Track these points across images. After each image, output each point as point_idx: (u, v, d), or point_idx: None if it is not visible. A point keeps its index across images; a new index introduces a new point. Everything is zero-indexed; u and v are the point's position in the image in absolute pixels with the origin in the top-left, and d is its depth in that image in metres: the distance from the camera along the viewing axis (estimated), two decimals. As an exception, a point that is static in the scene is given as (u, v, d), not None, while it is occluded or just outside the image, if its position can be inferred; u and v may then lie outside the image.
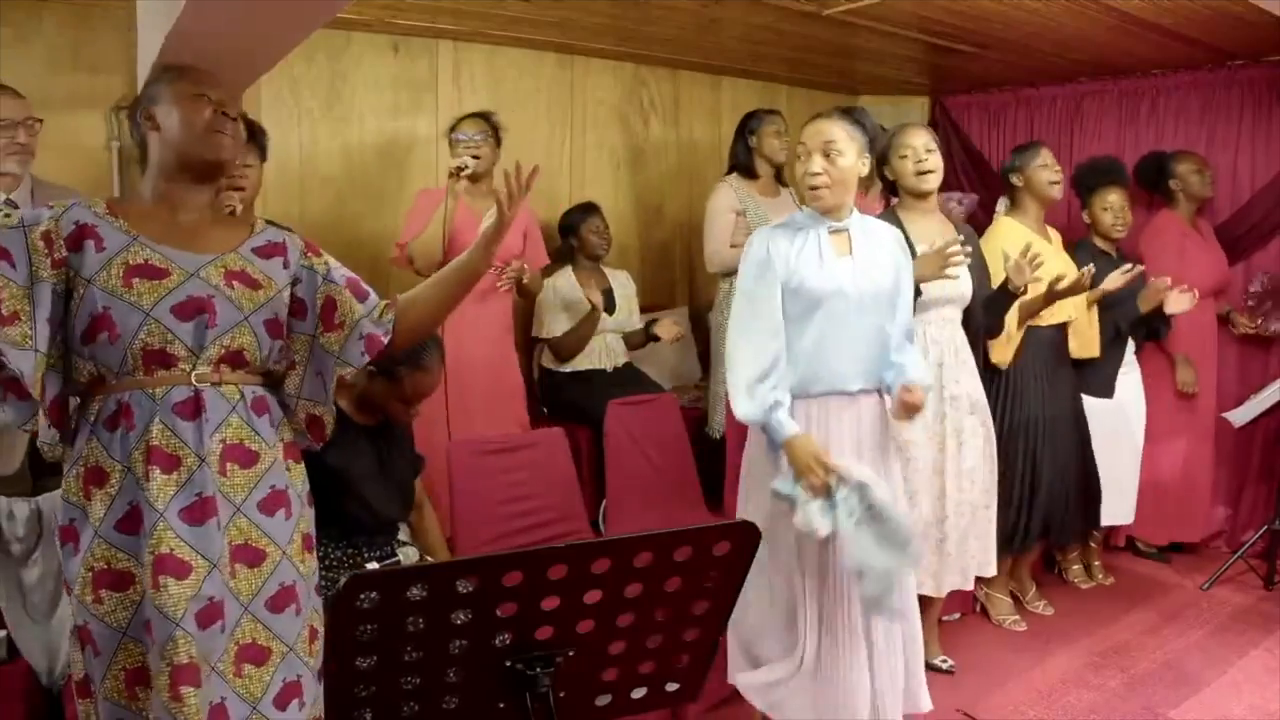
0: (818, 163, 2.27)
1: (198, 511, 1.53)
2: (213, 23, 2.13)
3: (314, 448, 1.77)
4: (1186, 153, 3.99)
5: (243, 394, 1.62)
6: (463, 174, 3.25)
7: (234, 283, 1.62)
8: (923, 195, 2.87)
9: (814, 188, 2.28)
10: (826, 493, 2.17)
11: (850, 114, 2.34)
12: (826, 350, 2.29)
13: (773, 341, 2.25)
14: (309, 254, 1.75)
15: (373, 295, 1.78)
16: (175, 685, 1.48)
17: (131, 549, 1.53)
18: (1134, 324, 3.61)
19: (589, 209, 3.99)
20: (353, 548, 2.33)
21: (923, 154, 2.82)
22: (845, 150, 2.27)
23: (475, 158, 3.31)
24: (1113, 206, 3.64)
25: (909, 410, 2.27)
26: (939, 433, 2.87)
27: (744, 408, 2.25)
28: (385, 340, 1.74)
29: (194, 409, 1.56)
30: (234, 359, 1.61)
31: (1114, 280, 3.31)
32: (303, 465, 1.73)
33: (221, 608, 1.54)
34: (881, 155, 2.88)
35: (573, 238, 3.95)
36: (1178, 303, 3.55)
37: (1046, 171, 3.33)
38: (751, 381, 2.23)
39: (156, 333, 1.55)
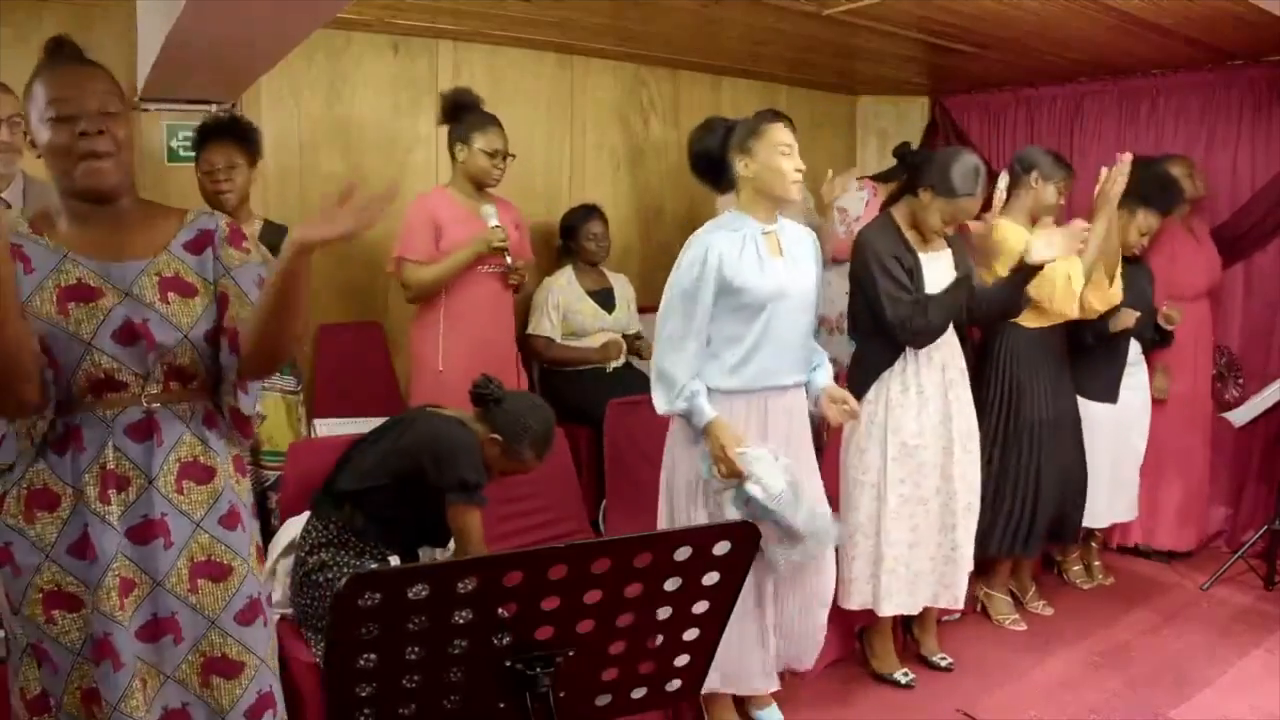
0: (800, 162, 2.41)
1: (143, 532, 1.53)
2: (213, 23, 2.13)
3: (244, 443, 1.70)
4: (1176, 156, 3.95)
5: (192, 411, 1.60)
6: (506, 256, 3.16)
7: (169, 294, 1.55)
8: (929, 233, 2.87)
9: (798, 181, 2.41)
10: (738, 478, 2.33)
11: None
12: (766, 348, 2.42)
13: (696, 342, 2.40)
14: (229, 245, 1.63)
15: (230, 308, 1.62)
16: (143, 695, 1.53)
17: (81, 574, 1.52)
18: (1126, 333, 3.56)
19: (588, 213, 3.96)
20: (388, 549, 2.37)
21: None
22: None
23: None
24: (1150, 231, 3.53)
25: (849, 416, 2.53)
26: (946, 437, 2.87)
27: (666, 403, 2.41)
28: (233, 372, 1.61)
29: (146, 431, 1.54)
30: (180, 375, 1.58)
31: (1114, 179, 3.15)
32: (249, 480, 1.72)
33: (173, 622, 1.55)
34: (945, 187, 2.76)
35: (571, 240, 3.94)
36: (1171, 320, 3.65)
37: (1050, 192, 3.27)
38: (679, 382, 2.38)
39: (101, 362, 1.51)
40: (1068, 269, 3.07)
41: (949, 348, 2.91)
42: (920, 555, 2.87)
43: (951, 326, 2.92)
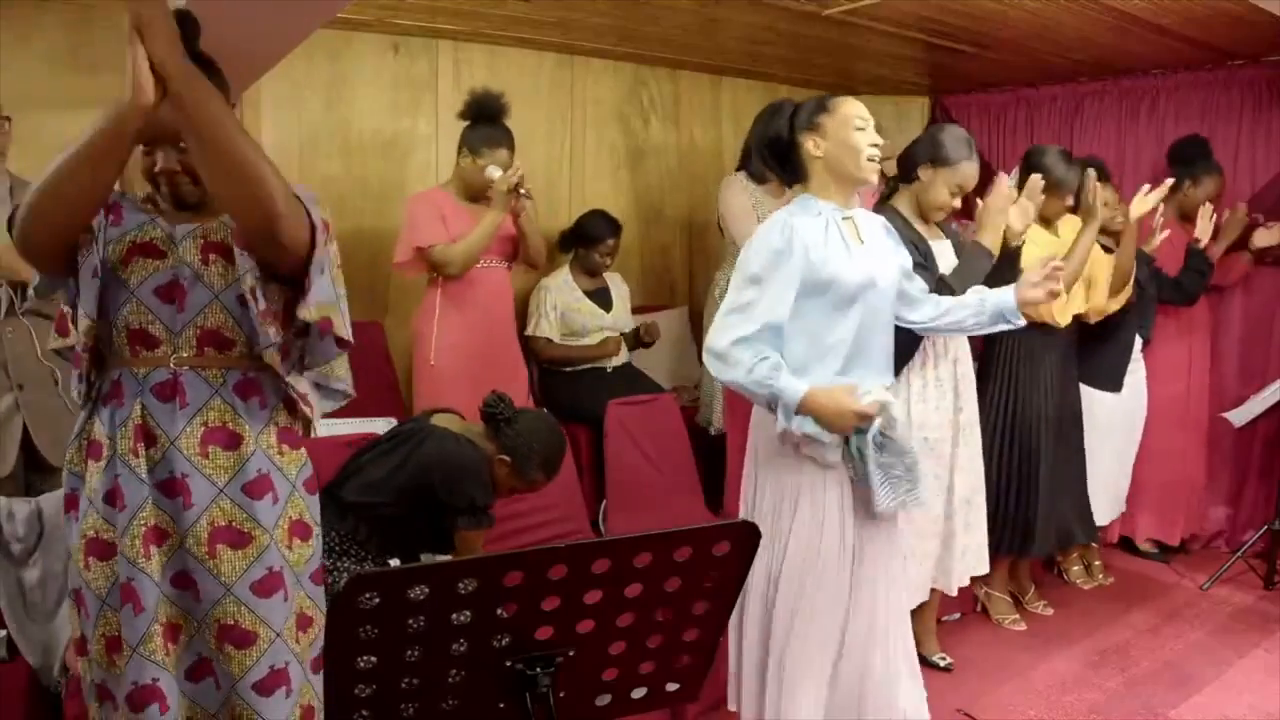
0: (877, 136, 2.20)
1: (170, 487, 1.59)
2: (212, 23, 2.13)
3: (302, 415, 1.72)
4: (1217, 175, 3.89)
5: (225, 378, 1.63)
6: (522, 191, 3.16)
7: (210, 255, 1.62)
8: (935, 214, 2.84)
9: (875, 159, 2.19)
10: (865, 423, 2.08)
11: None
12: (864, 347, 2.18)
13: (769, 315, 2.08)
14: None
15: None
16: (166, 641, 1.57)
17: (114, 521, 1.58)
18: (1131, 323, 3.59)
19: (609, 227, 3.91)
20: (390, 559, 2.37)
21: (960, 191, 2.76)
22: None
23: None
24: (1110, 203, 3.59)
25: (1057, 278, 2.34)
26: (954, 427, 2.88)
27: (731, 370, 2.07)
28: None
29: (171, 391, 1.59)
30: (215, 340, 1.62)
31: (1145, 201, 3.24)
32: (302, 451, 1.72)
33: (192, 579, 1.59)
34: (942, 157, 2.78)
35: (583, 248, 3.93)
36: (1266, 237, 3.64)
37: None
38: (746, 362, 2.05)
39: (137, 312, 1.59)
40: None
41: (959, 339, 2.90)
42: (937, 546, 2.89)
43: None
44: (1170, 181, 3.33)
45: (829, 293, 2.12)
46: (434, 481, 2.31)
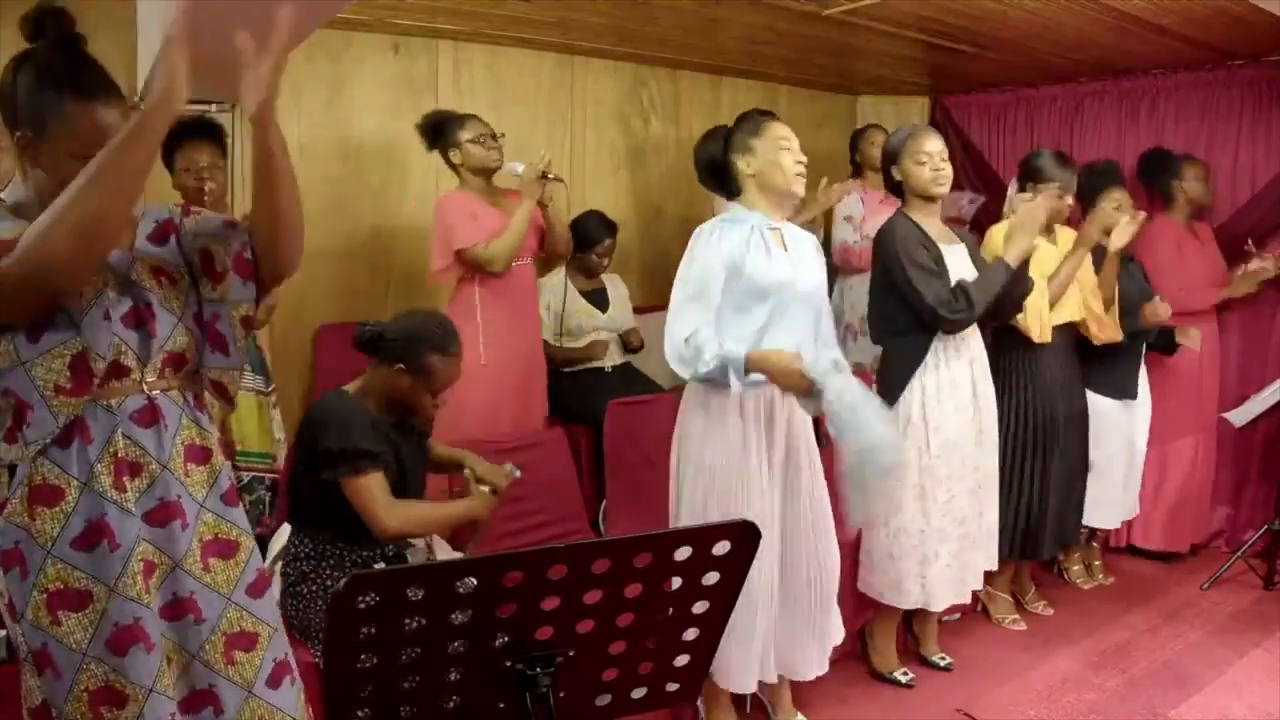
0: (801, 155, 2.48)
1: (161, 514, 1.56)
2: (213, 23, 2.13)
3: (228, 410, 1.73)
4: (1193, 159, 3.98)
5: (184, 396, 1.64)
6: (549, 176, 3.23)
7: (161, 279, 1.60)
8: (933, 199, 2.89)
9: (801, 173, 2.47)
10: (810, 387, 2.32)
11: None
12: (771, 339, 2.41)
13: (707, 313, 2.39)
14: (184, 217, 1.67)
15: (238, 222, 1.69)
16: (172, 677, 1.55)
17: (90, 566, 1.50)
18: (1141, 332, 3.60)
19: (606, 229, 3.93)
20: (366, 551, 2.34)
21: (939, 161, 2.84)
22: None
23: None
24: (1123, 205, 3.60)
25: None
26: (976, 429, 2.89)
27: (690, 366, 2.37)
28: (248, 255, 1.62)
29: (151, 416, 1.57)
30: (175, 361, 1.61)
31: (1123, 231, 3.32)
32: (229, 463, 1.76)
33: (192, 602, 1.58)
34: (892, 156, 2.92)
35: (580, 248, 3.93)
36: (1189, 338, 3.72)
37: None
38: (689, 338, 2.36)
39: (112, 344, 1.53)
40: (1035, 297, 3.11)
41: (975, 341, 2.93)
42: (967, 547, 2.91)
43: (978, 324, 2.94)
44: (1143, 214, 3.40)
45: (746, 286, 2.41)
46: (316, 448, 2.23)
